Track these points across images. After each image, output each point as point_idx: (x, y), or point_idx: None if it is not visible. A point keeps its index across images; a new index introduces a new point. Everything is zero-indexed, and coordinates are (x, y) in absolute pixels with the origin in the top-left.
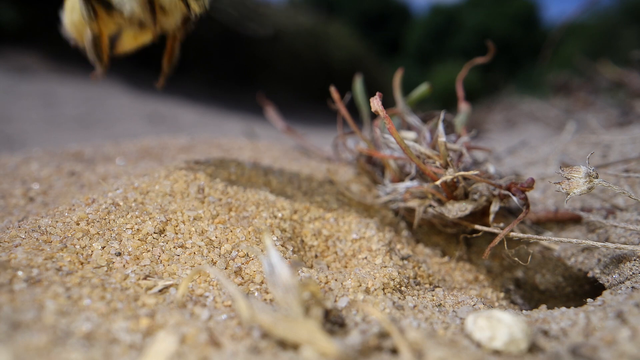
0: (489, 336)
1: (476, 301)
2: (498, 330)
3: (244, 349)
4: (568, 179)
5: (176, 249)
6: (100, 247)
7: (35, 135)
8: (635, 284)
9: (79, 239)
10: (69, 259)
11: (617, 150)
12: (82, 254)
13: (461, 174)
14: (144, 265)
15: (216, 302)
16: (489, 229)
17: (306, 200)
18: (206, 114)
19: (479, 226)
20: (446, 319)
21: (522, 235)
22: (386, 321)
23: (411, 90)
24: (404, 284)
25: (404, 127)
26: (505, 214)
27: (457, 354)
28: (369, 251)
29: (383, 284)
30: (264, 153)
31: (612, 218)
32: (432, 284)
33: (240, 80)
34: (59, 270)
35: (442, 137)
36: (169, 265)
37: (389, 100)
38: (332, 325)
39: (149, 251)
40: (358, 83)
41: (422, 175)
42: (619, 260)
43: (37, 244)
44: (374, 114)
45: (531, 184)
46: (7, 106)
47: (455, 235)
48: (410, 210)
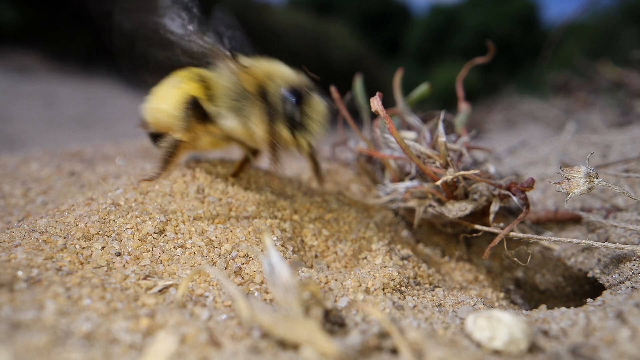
0: (489, 336)
1: (476, 301)
2: (498, 330)
3: (244, 349)
4: (568, 179)
5: (176, 249)
6: (100, 247)
7: (35, 135)
8: (635, 284)
9: (79, 239)
10: (69, 259)
11: (617, 150)
12: (82, 254)
13: (461, 173)
14: (144, 265)
15: (216, 302)
16: (489, 228)
17: (306, 200)
18: None
19: (478, 226)
20: (446, 319)
21: (522, 235)
22: (386, 321)
23: (411, 90)
24: (404, 284)
25: (404, 127)
26: (506, 214)
27: (457, 354)
28: (368, 251)
29: (383, 284)
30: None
31: (612, 218)
32: (432, 284)
33: None
34: (59, 270)
35: (442, 137)
36: (169, 265)
37: (389, 100)
38: (332, 325)
39: (149, 251)
40: (358, 83)
41: (422, 175)
42: (619, 260)
43: (37, 244)
44: (374, 114)
45: (531, 184)
46: (7, 106)
47: (455, 235)
48: (410, 210)
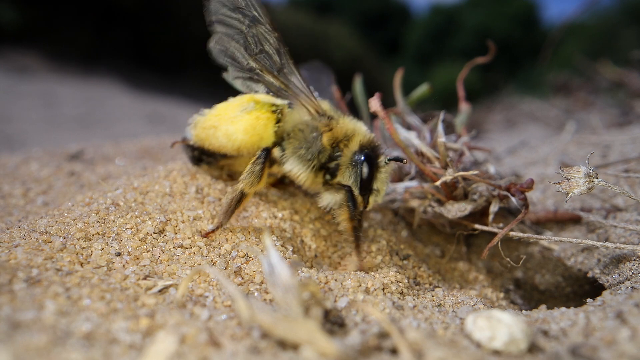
0: (488, 336)
1: (476, 301)
2: (498, 330)
3: (243, 349)
4: (568, 179)
5: (176, 249)
6: (100, 248)
7: (35, 135)
8: (635, 284)
9: (78, 239)
10: (69, 259)
11: (617, 150)
12: (82, 254)
13: (460, 174)
14: (143, 265)
15: (216, 302)
16: (488, 228)
17: (306, 201)
18: None
19: (478, 226)
20: (446, 319)
21: (522, 235)
22: (386, 321)
23: (411, 90)
24: (403, 284)
25: (404, 127)
26: (505, 214)
27: (457, 354)
28: (368, 252)
29: (383, 284)
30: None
31: (612, 218)
32: (432, 284)
33: None
34: (58, 270)
35: (441, 138)
36: (168, 265)
37: (390, 100)
38: (332, 325)
39: (148, 251)
40: (358, 83)
41: (421, 175)
42: (618, 260)
43: (36, 244)
44: (374, 114)
45: (530, 184)
46: (7, 106)
47: (455, 235)
48: (410, 210)
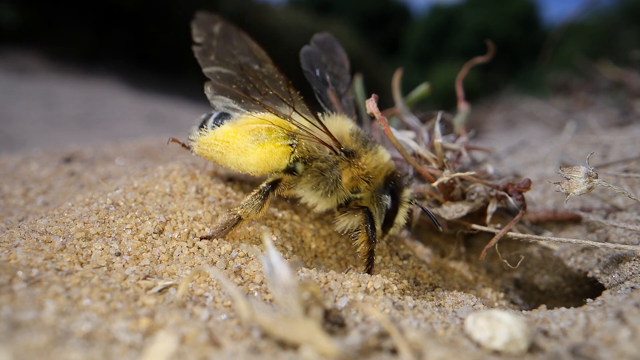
0: (488, 336)
1: (476, 301)
2: (498, 331)
3: (243, 349)
4: (568, 179)
5: (176, 249)
6: (100, 248)
7: (35, 135)
8: (635, 284)
9: (78, 239)
10: (69, 259)
11: (617, 150)
12: (82, 254)
13: (457, 175)
14: (143, 265)
15: (216, 302)
16: (487, 229)
17: None
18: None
19: (476, 226)
20: (446, 319)
21: (521, 236)
22: (386, 321)
23: (411, 90)
24: (403, 284)
25: (403, 127)
26: (504, 214)
27: (457, 354)
28: None
29: (383, 284)
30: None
31: (612, 218)
32: (432, 284)
33: None
34: (58, 270)
35: (438, 138)
36: (168, 265)
37: (390, 100)
38: (332, 325)
39: (148, 251)
40: (358, 83)
41: (419, 176)
42: (618, 260)
43: (36, 244)
44: (371, 115)
45: (528, 185)
46: (7, 106)
47: (454, 236)
48: (410, 211)
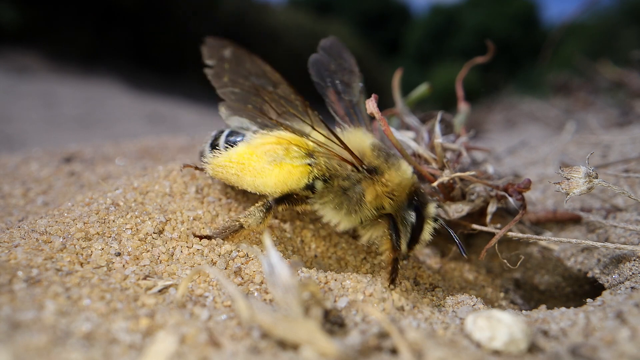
0: (488, 336)
1: (476, 301)
2: (498, 331)
3: (243, 349)
4: (568, 179)
5: (176, 249)
6: (100, 248)
7: (35, 135)
8: (635, 284)
9: (78, 239)
10: (69, 259)
11: (617, 150)
12: (82, 254)
13: (457, 175)
14: (143, 265)
15: (216, 302)
16: (487, 229)
17: None
18: (206, 114)
19: (476, 226)
20: (446, 319)
21: (521, 236)
22: (386, 321)
23: (411, 90)
24: (403, 285)
25: (403, 127)
26: (504, 214)
27: (457, 354)
28: (368, 252)
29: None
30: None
31: (611, 218)
32: (432, 284)
33: None
34: (58, 270)
35: (438, 138)
36: (168, 265)
37: (390, 101)
38: (332, 325)
39: (148, 251)
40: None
41: (420, 176)
42: (618, 260)
43: (36, 244)
44: (371, 115)
45: (528, 185)
46: (7, 106)
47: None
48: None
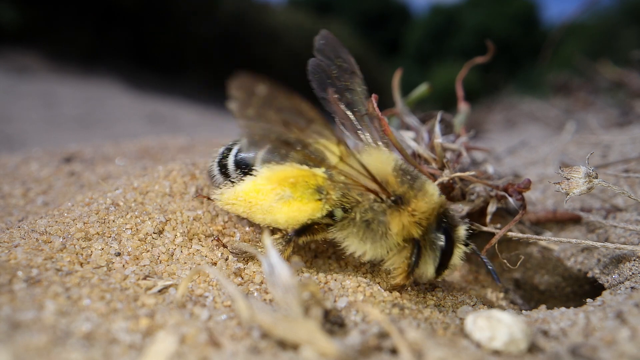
0: (488, 336)
1: (476, 301)
2: (498, 331)
3: (243, 349)
4: (568, 179)
5: (176, 249)
6: (100, 248)
7: (35, 135)
8: (634, 284)
9: (78, 239)
10: (69, 259)
11: (617, 150)
12: (82, 254)
13: (457, 175)
14: (143, 265)
15: (216, 302)
16: (487, 229)
17: None
18: (206, 114)
19: (476, 225)
20: (446, 319)
21: (521, 236)
22: (386, 321)
23: (411, 90)
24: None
25: (403, 127)
26: (504, 214)
27: (457, 354)
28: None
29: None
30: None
31: (611, 218)
32: (432, 284)
33: None
34: (58, 270)
35: (438, 138)
36: (168, 265)
37: (389, 101)
38: (332, 325)
39: (148, 251)
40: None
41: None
42: (618, 260)
43: (36, 244)
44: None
45: (528, 185)
46: (7, 106)
47: None
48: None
